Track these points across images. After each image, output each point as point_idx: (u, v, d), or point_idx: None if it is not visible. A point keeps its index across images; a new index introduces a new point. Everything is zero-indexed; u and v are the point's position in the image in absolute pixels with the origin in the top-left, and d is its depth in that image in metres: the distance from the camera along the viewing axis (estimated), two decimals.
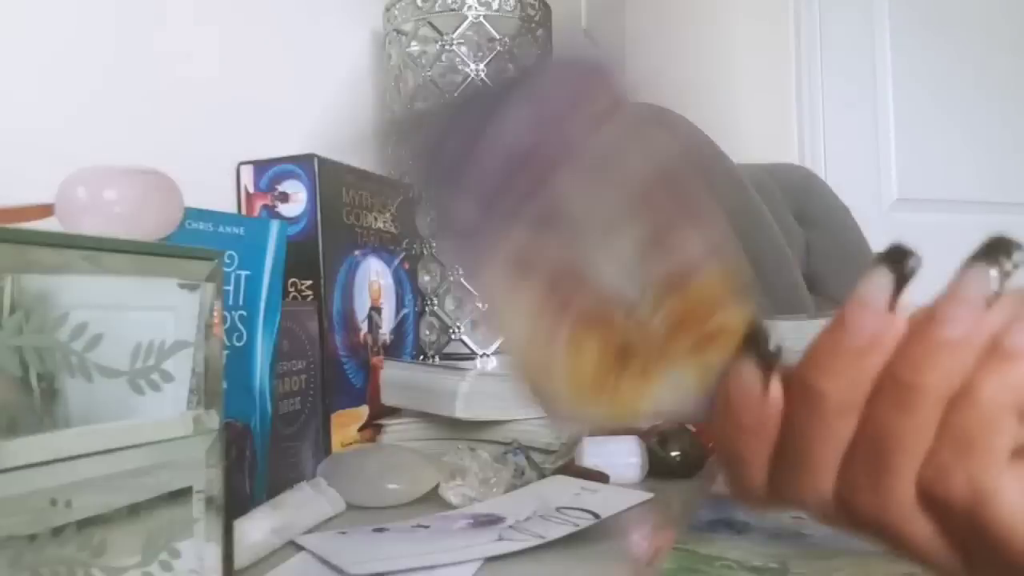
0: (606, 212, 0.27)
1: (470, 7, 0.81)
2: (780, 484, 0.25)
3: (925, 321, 0.23)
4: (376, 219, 0.75)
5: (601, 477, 0.56)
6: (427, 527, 0.47)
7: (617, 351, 0.28)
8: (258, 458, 0.50)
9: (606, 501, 0.49)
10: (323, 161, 0.67)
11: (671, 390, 0.27)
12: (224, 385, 0.33)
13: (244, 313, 0.50)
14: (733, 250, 0.27)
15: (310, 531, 0.46)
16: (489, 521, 0.47)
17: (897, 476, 0.23)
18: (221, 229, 0.49)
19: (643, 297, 0.28)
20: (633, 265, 0.27)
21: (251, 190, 0.68)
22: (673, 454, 0.60)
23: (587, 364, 0.28)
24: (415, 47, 0.83)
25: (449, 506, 0.52)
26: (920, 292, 0.24)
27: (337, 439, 0.66)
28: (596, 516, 0.46)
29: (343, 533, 0.46)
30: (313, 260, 0.66)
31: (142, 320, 0.29)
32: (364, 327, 0.72)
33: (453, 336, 0.81)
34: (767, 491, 0.26)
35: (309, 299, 0.66)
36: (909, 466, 0.23)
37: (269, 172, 0.68)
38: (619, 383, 0.28)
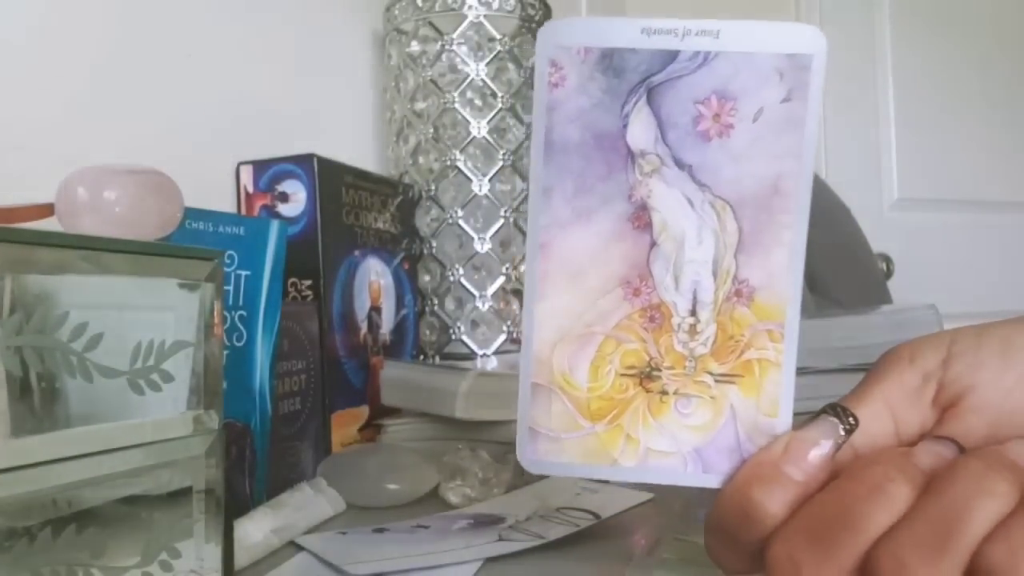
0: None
1: (470, 7, 0.81)
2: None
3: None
4: (376, 219, 0.75)
5: None
6: (427, 527, 0.47)
7: (651, 360, 0.28)
8: (258, 458, 0.50)
9: (606, 501, 0.49)
10: (323, 161, 0.67)
11: (669, 436, 0.27)
12: (224, 385, 0.33)
13: (244, 313, 0.50)
14: (795, 282, 0.27)
15: (310, 531, 0.46)
16: (489, 521, 0.47)
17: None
18: (221, 229, 0.49)
19: (702, 309, 0.28)
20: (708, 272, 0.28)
21: (251, 190, 0.68)
22: None
23: (615, 361, 0.28)
24: (415, 47, 0.83)
25: (449, 506, 0.52)
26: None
27: (337, 439, 0.66)
28: (596, 516, 0.46)
29: (343, 533, 0.46)
30: (313, 260, 0.66)
31: (142, 320, 0.29)
32: (364, 327, 0.72)
33: (453, 336, 0.81)
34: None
35: (309, 299, 0.66)
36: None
37: (269, 172, 0.68)
38: (632, 401, 0.28)
